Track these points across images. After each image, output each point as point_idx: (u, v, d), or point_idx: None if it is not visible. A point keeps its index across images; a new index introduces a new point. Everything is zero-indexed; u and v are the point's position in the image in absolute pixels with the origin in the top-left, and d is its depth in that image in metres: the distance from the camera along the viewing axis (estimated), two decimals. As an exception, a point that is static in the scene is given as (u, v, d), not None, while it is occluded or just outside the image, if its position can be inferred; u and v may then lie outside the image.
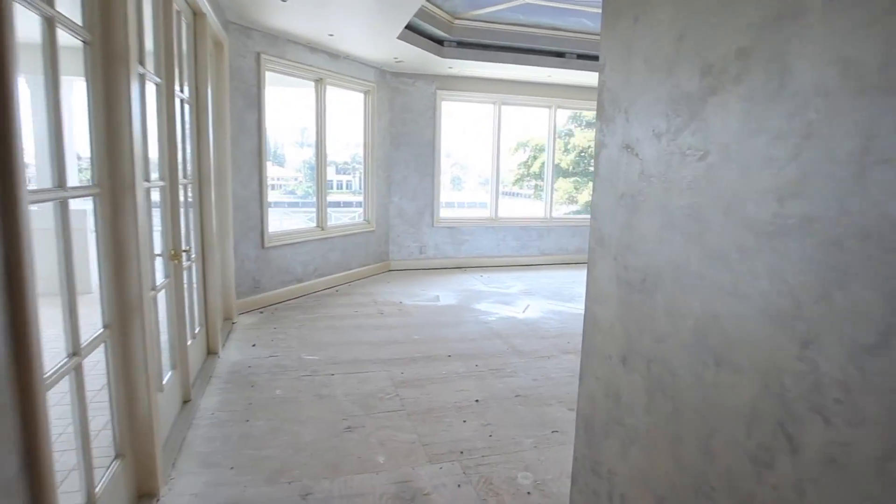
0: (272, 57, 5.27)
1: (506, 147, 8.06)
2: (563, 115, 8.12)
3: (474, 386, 3.64)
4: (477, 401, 3.40)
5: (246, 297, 5.19)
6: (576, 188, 12.28)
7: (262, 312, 5.23)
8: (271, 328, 4.76)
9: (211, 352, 4.06)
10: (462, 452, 2.78)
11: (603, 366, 1.39)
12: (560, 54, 6.59)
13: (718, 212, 1.00)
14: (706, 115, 1.03)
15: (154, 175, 2.88)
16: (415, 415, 3.18)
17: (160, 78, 2.83)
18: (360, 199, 7.00)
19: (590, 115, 10.62)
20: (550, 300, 6.04)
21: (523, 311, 5.53)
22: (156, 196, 2.97)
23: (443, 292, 6.26)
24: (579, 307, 5.74)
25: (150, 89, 2.71)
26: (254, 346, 4.31)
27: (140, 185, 2.18)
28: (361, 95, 6.67)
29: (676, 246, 1.11)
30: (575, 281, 7.06)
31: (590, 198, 11.31)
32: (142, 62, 2.43)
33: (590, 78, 7.34)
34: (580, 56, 6.64)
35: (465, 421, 3.12)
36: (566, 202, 12.24)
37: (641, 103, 1.22)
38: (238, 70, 4.96)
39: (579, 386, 1.54)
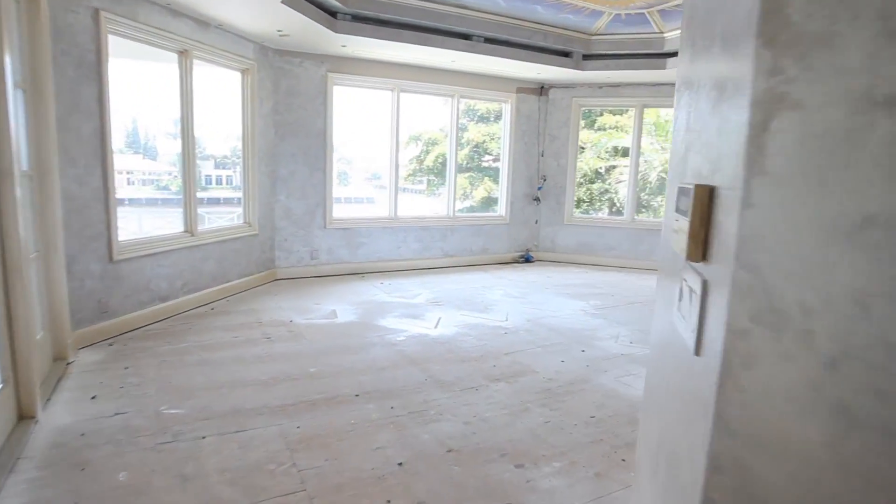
0: (118, 17, 4.00)
1: (401, 140, 7.23)
2: (454, 110, 7.47)
3: (394, 440, 2.80)
4: (400, 464, 2.58)
5: (88, 325, 3.91)
6: (471, 183, 11.84)
7: (111, 345, 3.96)
8: (121, 368, 3.55)
9: (24, 416, 2.84)
10: (393, 561, 1.94)
11: None
12: (466, 37, 5.89)
13: None
14: None
15: None
16: (320, 497, 2.29)
17: None
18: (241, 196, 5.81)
19: (484, 107, 10.08)
20: (462, 310, 5.33)
21: (435, 327, 4.76)
22: None
23: (340, 306, 5.31)
24: (495, 318, 5.09)
25: None
26: (94, 398, 3.12)
27: None
28: (238, 75, 5.49)
29: None
30: (485, 286, 6.43)
31: (486, 194, 10.77)
32: None
33: (497, 66, 6.73)
34: (488, 40, 5.99)
35: (389, 501, 2.28)
36: (460, 198, 11.75)
37: None
38: (67, 30, 3.66)
39: None
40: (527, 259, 7.99)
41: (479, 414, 3.17)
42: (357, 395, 3.32)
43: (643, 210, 9.43)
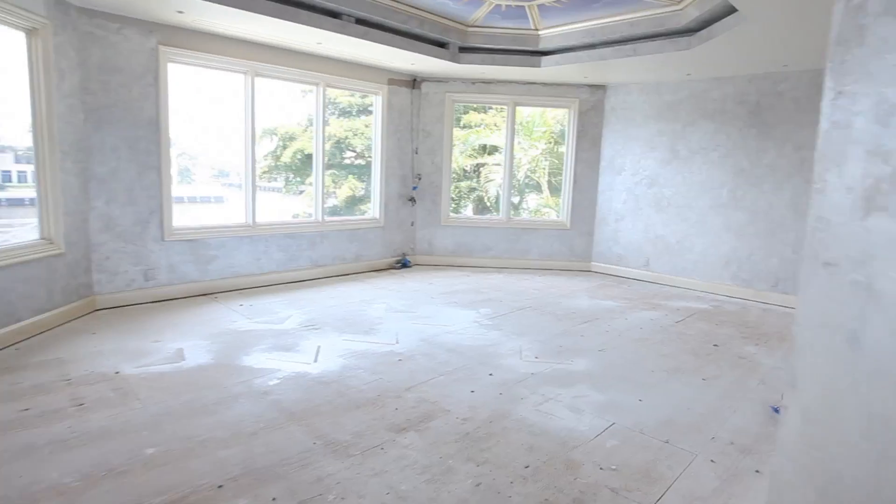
0: None
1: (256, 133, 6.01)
2: (320, 100, 6.37)
3: (285, 565, 1.86)
4: None
5: None
6: (334, 182, 10.65)
7: None
8: None
9: None
10: None
11: None
12: (335, 15, 4.91)
13: None
14: None
15: None
16: None
17: None
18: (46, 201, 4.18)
19: (346, 100, 9.07)
20: (345, 334, 4.40)
21: (315, 360, 3.79)
22: None
23: (189, 342, 4.06)
24: (385, 341, 4.25)
25: None
26: None
27: None
28: (21, 35, 3.90)
29: None
30: (364, 299, 5.53)
31: (351, 193, 9.86)
32: None
33: (369, 52, 5.84)
34: (360, 21, 5.08)
35: None
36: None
37: None
38: None
39: None
40: (404, 264, 7.23)
41: (394, 487, 2.34)
42: (221, 487, 2.28)
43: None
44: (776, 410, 3.31)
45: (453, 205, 9.95)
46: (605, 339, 4.57)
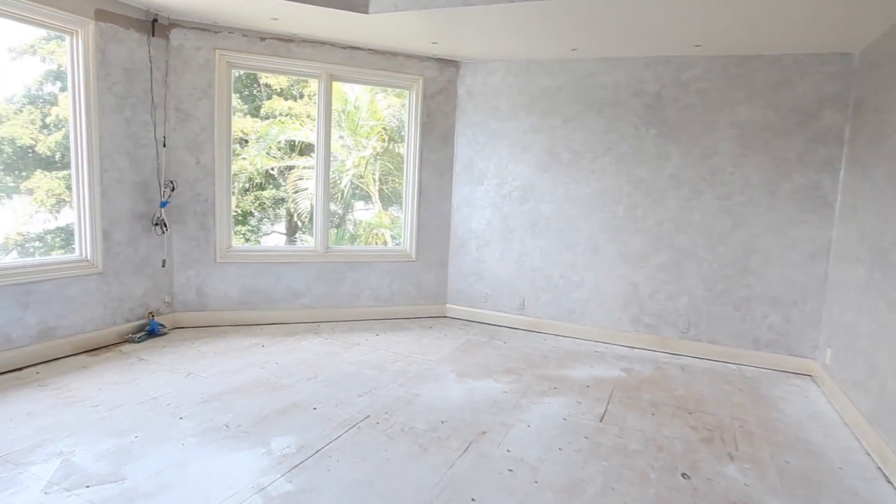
0: None
1: None
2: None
3: None
4: None
5: None
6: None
7: None
8: None
9: None
10: None
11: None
12: None
13: None
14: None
15: None
16: None
17: None
18: None
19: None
20: None
21: None
22: None
23: None
24: None
25: None
26: None
27: None
28: None
29: None
30: (12, 458, 2.43)
31: (50, 204, 6.01)
32: None
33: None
34: None
35: None
36: None
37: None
38: None
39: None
40: (151, 331, 4.15)
41: None
42: None
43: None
44: None
45: (247, 227, 6.92)
46: (520, 500, 2.31)
